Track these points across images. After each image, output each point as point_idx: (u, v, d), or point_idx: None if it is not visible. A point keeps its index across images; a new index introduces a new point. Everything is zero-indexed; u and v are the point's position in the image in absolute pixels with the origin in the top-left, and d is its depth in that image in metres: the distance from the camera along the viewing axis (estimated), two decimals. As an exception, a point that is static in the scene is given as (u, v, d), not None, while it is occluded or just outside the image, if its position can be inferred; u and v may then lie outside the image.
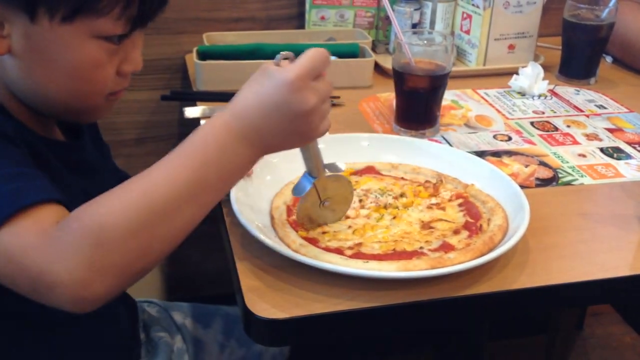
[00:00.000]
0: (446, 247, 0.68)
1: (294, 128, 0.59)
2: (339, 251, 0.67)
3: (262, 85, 0.58)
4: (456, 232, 0.71)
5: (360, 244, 0.69)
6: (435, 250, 0.67)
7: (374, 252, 0.67)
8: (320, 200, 0.70)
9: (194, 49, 1.14)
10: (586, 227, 0.78)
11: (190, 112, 1.02)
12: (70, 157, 0.74)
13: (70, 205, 0.58)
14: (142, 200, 0.55)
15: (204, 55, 1.14)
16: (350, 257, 0.66)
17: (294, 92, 0.57)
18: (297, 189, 0.69)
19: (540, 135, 1.01)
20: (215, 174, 0.57)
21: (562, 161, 0.93)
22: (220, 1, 1.30)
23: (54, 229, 0.55)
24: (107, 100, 0.70)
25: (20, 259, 0.54)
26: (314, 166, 0.67)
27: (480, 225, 0.71)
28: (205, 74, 1.10)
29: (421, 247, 0.68)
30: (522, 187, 0.80)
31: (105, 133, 0.91)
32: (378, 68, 1.19)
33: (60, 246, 0.53)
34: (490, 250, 0.66)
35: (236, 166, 0.59)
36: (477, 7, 1.21)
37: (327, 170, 0.69)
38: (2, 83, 0.67)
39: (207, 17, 1.30)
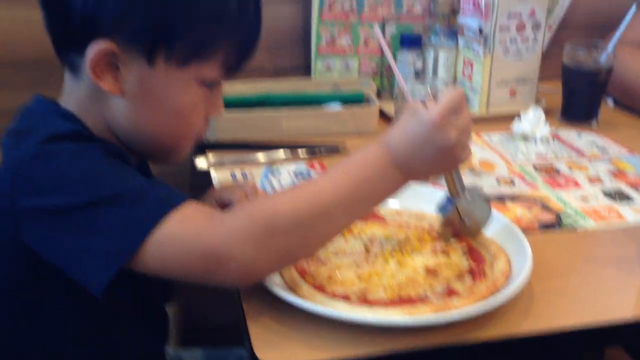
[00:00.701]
0: (450, 293, 0.69)
1: (439, 160, 0.68)
2: (345, 297, 0.69)
3: (410, 124, 0.68)
4: (460, 277, 0.72)
5: (366, 290, 0.70)
6: (440, 295, 0.69)
7: (380, 298, 0.68)
8: (460, 218, 0.77)
9: (204, 100, 1.18)
10: (590, 271, 0.78)
11: (201, 162, 1.05)
12: None
13: None
14: (309, 198, 0.64)
15: (213, 105, 1.18)
16: (357, 303, 0.67)
17: (437, 131, 0.66)
18: (440, 209, 0.78)
19: (543, 179, 1.02)
20: (370, 191, 0.67)
21: (565, 205, 0.94)
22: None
23: (221, 215, 0.63)
24: (192, 142, 0.77)
25: (194, 240, 0.61)
26: (455, 189, 0.76)
27: (484, 271, 0.73)
28: (215, 125, 1.13)
29: (425, 293, 0.69)
30: (525, 231, 0.81)
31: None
32: (383, 114, 1.22)
33: (233, 228, 0.62)
34: (494, 295, 0.67)
35: (387, 187, 0.68)
36: (478, 54, 1.24)
37: (467, 193, 0.76)
38: (105, 121, 0.72)
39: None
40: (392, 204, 0.87)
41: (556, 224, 0.89)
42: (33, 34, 0.80)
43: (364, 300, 0.68)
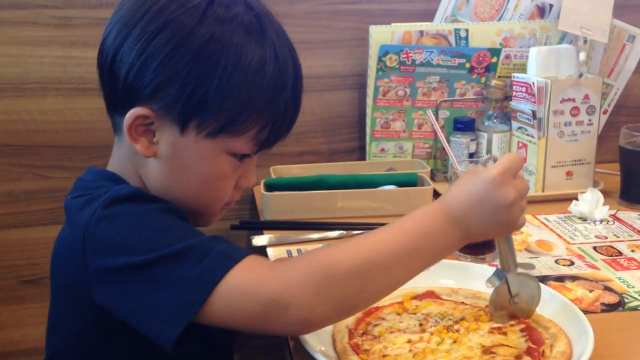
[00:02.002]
0: None
1: (497, 218, 0.69)
2: None
3: (470, 181, 0.70)
4: (518, 357, 0.70)
5: None
6: None
7: None
8: (510, 295, 0.76)
9: (262, 182, 1.22)
10: (656, 354, 0.75)
11: (258, 240, 1.08)
12: None
13: None
14: (367, 250, 0.66)
15: (271, 187, 1.22)
16: None
17: (497, 187, 0.68)
18: (490, 281, 0.77)
19: (604, 260, 1.00)
20: (428, 247, 0.68)
21: (627, 286, 0.91)
22: (287, 137, 1.39)
23: (282, 264, 0.66)
24: (221, 209, 0.80)
25: (256, 288, 0.63)
26: (508, 261, 0.75)
27: (543, 352, 0.71)
28: (272, 205, 1.17)
29: None
30: (587, 312, 0.79)
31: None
32: (437, 195, 1.23)
33: (293, 276, 0.64)
34: None
35: (445, 244, 0.69)
36: (532, 137, 1.25)
37: (519, 268, 0.76)
38: (142, 181, 0.77)
39: (274, 152, 1.38)
40: (448, 282, 0.87)
41: (619, 305, 0.86)
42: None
43: (419, 378, 0.67)
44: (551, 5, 1.34)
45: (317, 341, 0.73)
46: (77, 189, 0.77)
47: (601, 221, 1.15)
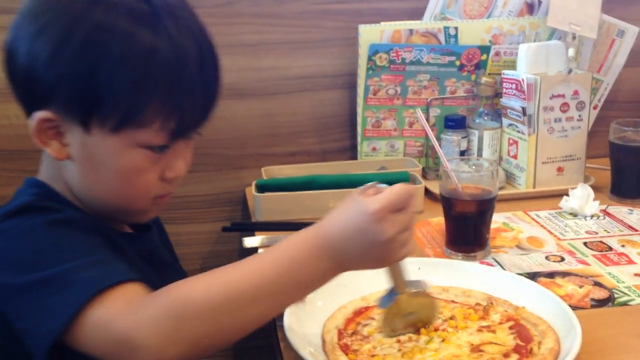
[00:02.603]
0: None
1: (373, 252, 0.65)
2: None
3: (348, 211, 0.65)
4: (506, 355, 0.71)
5: None
6: None
7: None
8: (403, 314, 0.74)
9: (253, 183, 1.22)
10: (645, 349, 0.76)
11: (249, 242, 1.08)
12: (143, 246, 0.81)
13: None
14: (224, 287, 0.61)
15: (263, 188, 1.22)
16: None
17: (374, 222, 0.63)
18: (381, 302, 0.74)
19: (594, 256, 1.00)
20: (295, 282, 0.64)
21: (617, 281, 0.92)
22: (278, 137, 1.40)
23: (139, 300, 0.62)
24: (154, 203, 0.77)
25: (108, 325, 0.61)
26: (396, 283, 0.73)
27: (531, 349, 0.71)
28: (264, 206, 1.17)
29: None
30: (576, 308, 0.79)
31: (169, 263, 0.97)
32: (429, 194, 1.24)
33: (145, 315, 0.60)
34: None
35: (314, 278, 0.65)
36: (522, 133, 1.26)
37: (411, 287, 0.73)
38: (67, 185, 0.75)
39: (265, 153, 1.40)
40: (438, 281, 0.87)
41: (609, 301, 0.87)
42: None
43: (407, 377, 0.67)
44: (540, 2, 1.35)
45: (306, 342, 0.73)
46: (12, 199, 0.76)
47: (592, 216, 1.15)
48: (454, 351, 0.72)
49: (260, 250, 1.04)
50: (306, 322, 0.77)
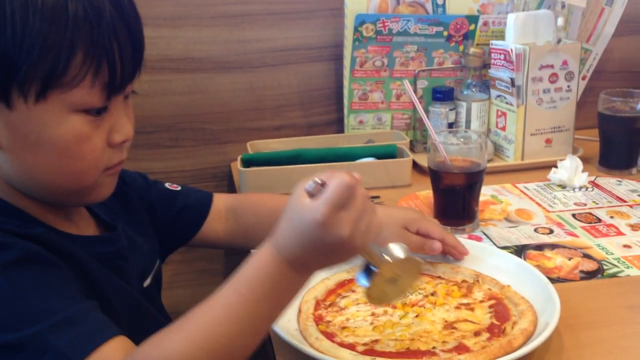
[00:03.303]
0: (460, 349, 0.67)
1: (338, 253, 0.61)
2: (351, 347, 0.68)
3: (297, 223, 0.60)
4: (477, 334, 0.70)
5: (376, 341, 0.69)
6: (449, 351, 0.67)
7: (387, 350, 0.68)
8: (387, 281, 0.69)
9: (239, 157, 1.20)
10: (633, 321, 0.75)
11: (235, 217, 1.06)
12: (104, 250, 0.73)
13: (106, 303, 0.62)
14: (204, 339, 0.57)
15: (249, 162, 1.20)
16: (362, 353, 0.67)
17: (328, 228, 0.58)
18: (360, 279, 0.69)
19: (583, 227, 1.00)
20: (271, 304, 0.60)
21: (606, 253, 0.91)
22: (263, 111, 1.38)
23: None
24: (106, 176, 0.69)
25: None
26: (372, 261, 0.68)
27: (505, 329, 0.70)
28: (250, 180, 1.15)
29: (434, 347, 0.68)
30: (565, 280, 0.79)
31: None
32: (417, 167, 1.22)
33: None
34: (507, 354, 0.65)
35: (289, 292, 0.62)
36: (511, 104, 1.24)
37: (387, 258, 0.67)
38: (4, 182, 0.67)
39: (250, 127, 1.38)
40: (426, 256, 0.86)
41: (598, 272, 0.86)
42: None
43: (371, 351, 0.67)
44: (529, -30, 1.32)
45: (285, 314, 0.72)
46: None
47: (580, 188, 1.15)
48: (426, 327, 0.72)
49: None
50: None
